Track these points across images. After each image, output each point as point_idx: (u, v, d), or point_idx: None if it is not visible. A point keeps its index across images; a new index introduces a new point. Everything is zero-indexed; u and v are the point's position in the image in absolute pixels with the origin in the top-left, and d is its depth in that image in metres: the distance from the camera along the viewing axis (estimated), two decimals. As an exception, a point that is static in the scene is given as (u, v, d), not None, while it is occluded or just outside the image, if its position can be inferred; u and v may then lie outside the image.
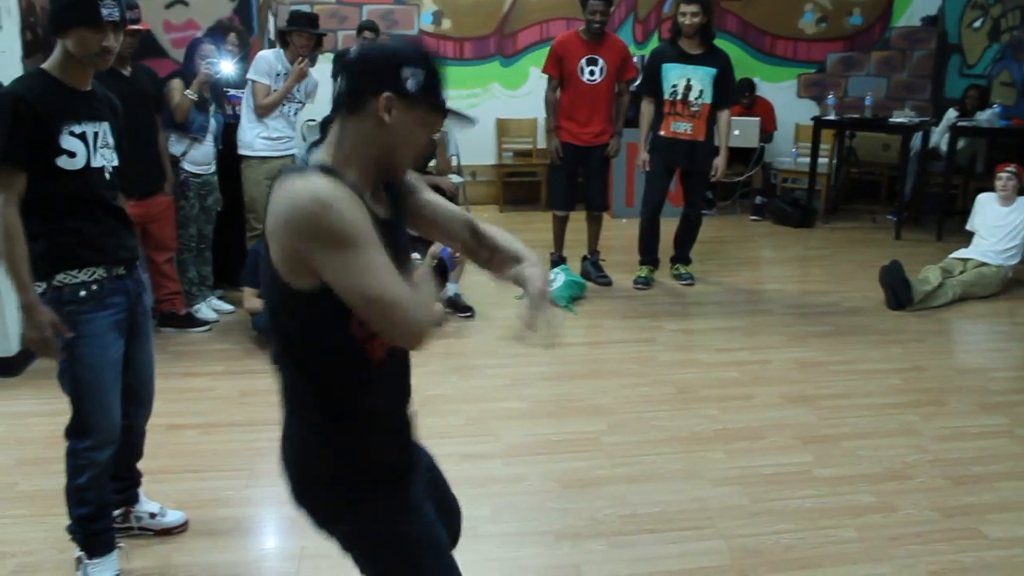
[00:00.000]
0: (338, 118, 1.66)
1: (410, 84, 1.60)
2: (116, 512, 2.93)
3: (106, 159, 2.61)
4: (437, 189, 6.47)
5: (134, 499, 3.00)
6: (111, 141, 2.64)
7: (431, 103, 1.65)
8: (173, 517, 3.04)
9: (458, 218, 1.93)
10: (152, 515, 3.01)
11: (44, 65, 2.55)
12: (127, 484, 2.97)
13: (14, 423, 3.81)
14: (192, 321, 5.08)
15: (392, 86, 1.58)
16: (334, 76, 5.84)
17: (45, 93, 2.47)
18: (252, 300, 4.76)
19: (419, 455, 1.92)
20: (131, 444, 2.90)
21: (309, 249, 1.50)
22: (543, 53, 7.47)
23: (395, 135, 1.62)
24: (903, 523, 3.10)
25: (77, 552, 2.71)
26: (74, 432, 2.61)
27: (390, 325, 1.54)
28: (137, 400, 2.84)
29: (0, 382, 4.17)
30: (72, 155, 2.49)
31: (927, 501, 3.24)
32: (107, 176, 2.61)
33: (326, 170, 1.57)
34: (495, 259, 1.94)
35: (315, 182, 1.51)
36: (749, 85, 8.35)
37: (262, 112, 5.13)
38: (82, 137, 2.52)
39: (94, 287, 2.55)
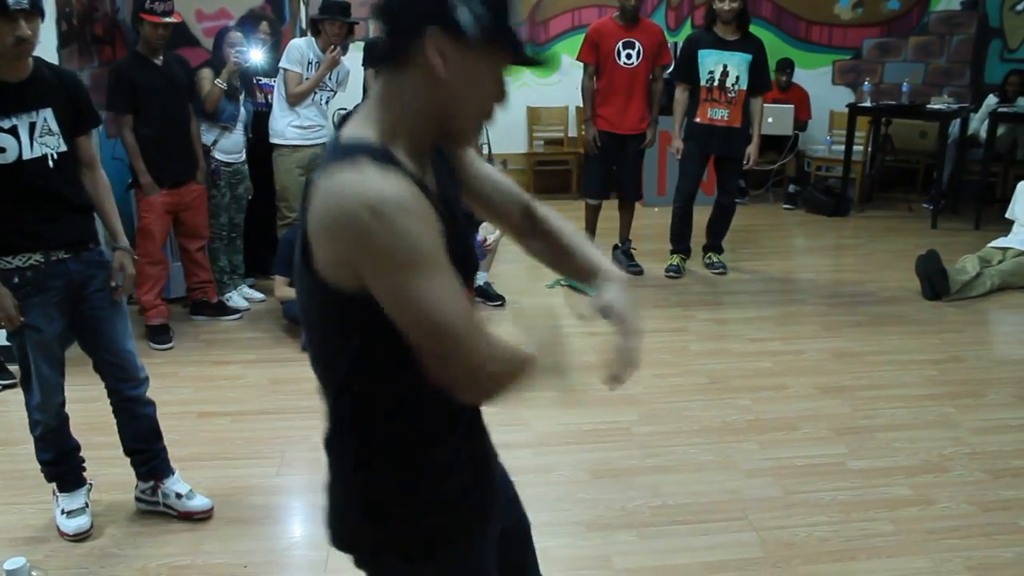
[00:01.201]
0: (379, 82, 1.27)
1: (464, 17, 1.17)
2: (145, 485, 3.04)
3: (49, 146, 2.66)
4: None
5: (162, 474, 3.03)
6: (54, 127, 2.67)
7: (499, 38, 1.22)
8: (199, 502, 3.05)
9: (513, 196, 1.56)
10: (179, 495, 3.04)
11: None
12: (148, 457, 3.01)
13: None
14: (223, 309, 5.10)
15: (441, 21, 1.17)
16: (365, 65, 5.84)
17: None
18: (283, 288, 4.77)
19: (500, 502, 1.58)
20: (137, 417, 2.96)
21: (356, 262, 1.17)
22: (575, 41, 7.42)
23: (453, 90, 1.22)
24: (940, 517, 3.05)
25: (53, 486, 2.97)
26: (24, 389, 2.85)
27: (451, 364, 1.21)
28: (121, 374, 2.90)
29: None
30: (2, 150, 2.56)
31: (965, 495, 3.18)
32: (50, 163, 2.67)
33: (377, 154, 1.19)
34: (552, 251, 1.59)
35: (366, 179, 1.14)
36: (789, 64, 8.24)
37: (294, 101, 5.13)
38: (12, 131, 2.57)
39: (28, 273, 2.64)
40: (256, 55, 5.22)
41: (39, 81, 2.66)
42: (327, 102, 5.39)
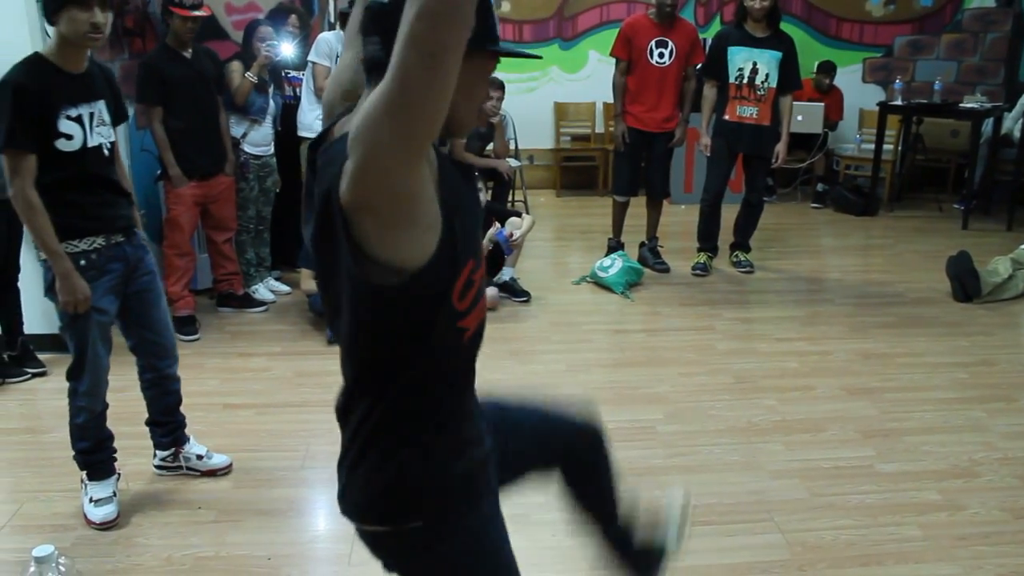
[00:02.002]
0: (369, 84, 1.33)
1: None
2: (165, 453, 3.25)
3: (103, 136, 2.81)
4: (494, 173, 6.47)
5: (182, 440, 3.25)
6: (107, 118, 2.83)
7: (486, 47, 1.32)
8: (218, 460, 3.29)
9: None
10: (199, 456, 3.26)
11: (41, 50, 2.73)
12: (172, 427, 3.22)
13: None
14: (249, 301, 5.13)
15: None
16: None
17: (42, 79, 2.65)
18: (309, 281, 4.79)
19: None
20: (168, 391, 3.17)
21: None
22: (603, 36, 7.39)
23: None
24: (970, 523, 3.00)
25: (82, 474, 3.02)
26: (73, 376, 2.90)
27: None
28: (163, 352, 3.09)
29: (67, 358, 4.23)
30: (69, 137, 2.69)
31: (995, 501, 3.13)
32: (105, 152, 2.82)
33: None
34: None
35: None
36: (831, 67, 8.16)
37: (321, 94, 5.14)
38: (78, 120, 2.71)
39: (93, 256, 2.78)
40: (287, 49, 5.24)
41: (94, 74, 2.80)
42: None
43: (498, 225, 5.27)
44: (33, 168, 2.63)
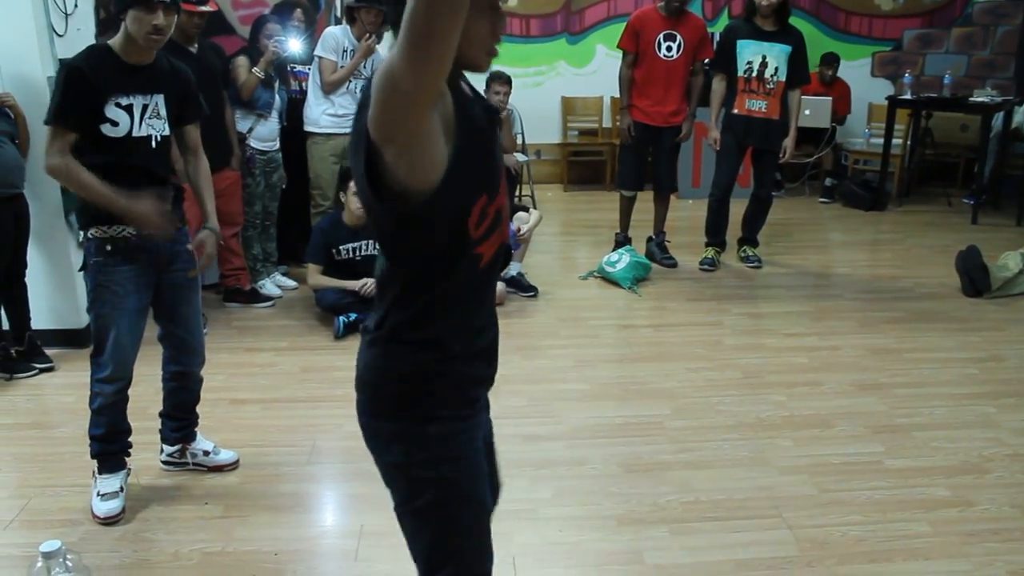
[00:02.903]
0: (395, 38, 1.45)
1: None
2: (173, 448, 3.26)
3: (155, 129, 2.85)
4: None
5: (191, 437, 3.27)
6: (163, 112, 2.87)
7: None
8: (225, 456, 3.30)
9: None
10: (206, 452, 3.28)
11: (110, 40, 2.79)
12: (184, 424, 3.24)
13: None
14: (256, 297, 5.12)
15: None
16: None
17: (100, 66, 2.72)
18: (316, 276, 4.78)
19: (487, 408, 1.85)
20: (188, 389, 3.20)
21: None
22: (610, 30, 7.37)
23: (467, 27, 1.36)
24: (980, 519, 2.98)
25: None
26: (93, 361, 2.92)
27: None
28: (188, 349, 3.11)
29: (74, 353, 4.25)
30: (115, 124, 2.74)
31: (1006, 497, 3.11)
32: (153, 144, 2.84)
33: None
34: None
35: None
36: (834, 59, 8.13)
37: (329, 89, 5.13)
38: (128, 108, 2.76)
39: (120, 243, 2.80)
40: (293, 44, 5.23)
41: (157, 69, 2.85)
42: (362, 90, 5.38)
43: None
44: (71, 144, 2.69)
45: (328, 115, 5.18)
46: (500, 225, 1.60)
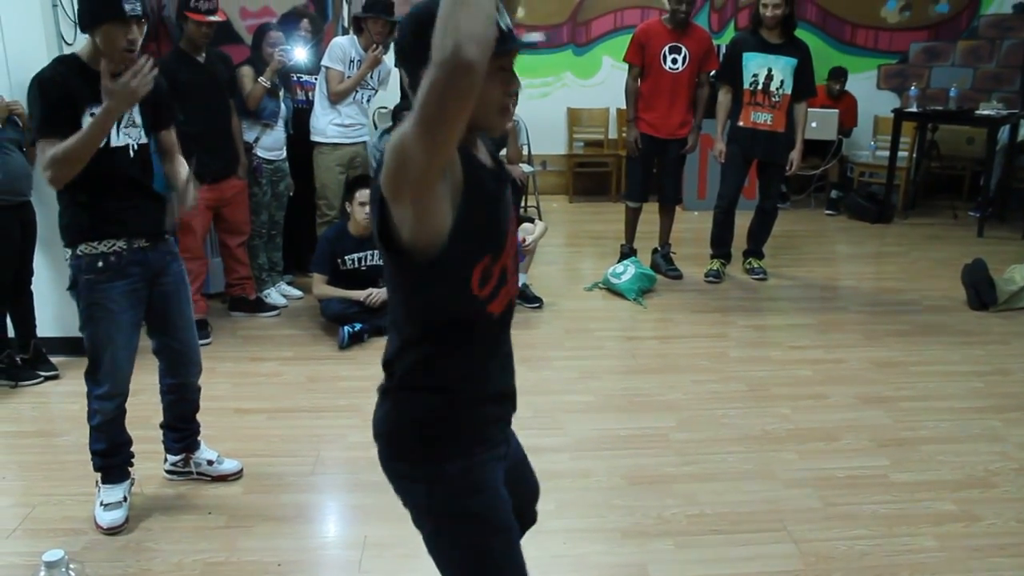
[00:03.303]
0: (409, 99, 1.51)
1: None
2: (176, 458, 3.26)
3: (132, 137, 2.82)
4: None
5: (194, 447, 3.27)
6: (138, 120, 2.84)
7: (506, 49, 1.48)
8: (229, 465, 3.30)
9: None
10: (210, 462, 3.28)
11: (77, 50, 2.76)
12: (186, 434, 3.23)
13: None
14: (261, 306, 5.13)
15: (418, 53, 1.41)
16: (397, 66, 5.86)
17: (70, 75, 2.68)
18: (321, 286, 4.79)
19: (512, 437, 1.90)
20: (186, 400, 3.19)
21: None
22: (616, 42, 7.38)
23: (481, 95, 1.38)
24: (986, 534, 2.97)
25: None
26: (89, 379, 2.91)
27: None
28: (184, 360, 3.09)
29: (79, 361, 4.24)
30: None
31: (1012, 512, 3.09)
32: (131, 153, 2.82)
33: None
34: None
35: None
36: (842, 73, 8.14)
37: (335, 99, 5.15)
38: None
39: (112, 258, 2.78)
40: (299, 53, 5.25)
41: None
42: (368, 100, 5.40)
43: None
44: None
45: (335, 125, 5.19)
46: (507, 284, 1.64)
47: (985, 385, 4.23)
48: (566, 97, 8.58)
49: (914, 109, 7.64)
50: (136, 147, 2.83)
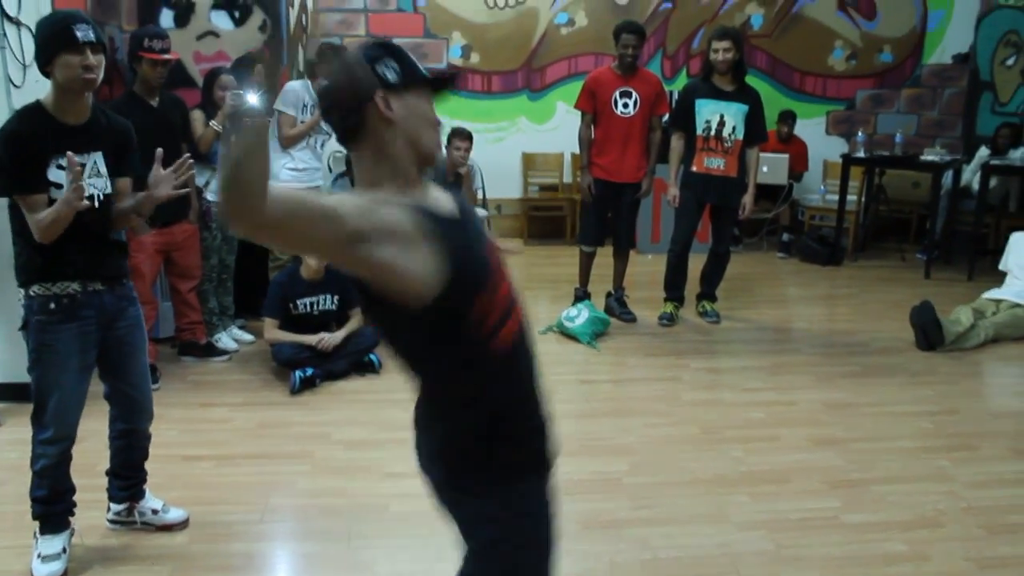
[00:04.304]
0: (353, 155, 1.68)
1: (390, 76, 1.61)
2: (120, 507, 3.17)
3: (96, 187, 2.79)
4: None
5: (139, 496, 3.18)
6: (102, 170, 2.81)
7: (416, 80, 1.65)
8: (175, 514, 3.21)
9: None
10: (155, 511, 3.19)
11: (41, 98, 2.73)
12: (133, 482, 3.16)
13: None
14: (212, 351, 5.05)
15: (376, 85, 1.60)
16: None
17: (36, 128, 2.68)
18: (272, 331, 4.74)
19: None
20: (136, 447, 3.12)
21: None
22: (571, 88, 7.47)
23: (407, 122, 1.62)
24: (936, 574, 2.99)
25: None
26: (34, 422, 2.83)
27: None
28: (135, 407, 3.04)
29: (20, 407, 4.14)
30: (59, 187, 2.67)
31: (961, 551, 3.12)
32: (96, 203, 2.78)
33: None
34: None
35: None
36: (791, 116, 8.31)
37: (287, 143, 5.14)
38: None
39: (65, 300, 2.74)
40: (252, 98, 5.23)
41: (95, 126, 2.80)
42: (322, 145, 5.40)
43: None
44: (44, 201, 2.66)
45: (288, 169, 5.18)
46: (514, 306, 1.70)
47: (934, 425, 4.29)
48: (521, 142, 8.66)
49: (862, 154, 7.82)
50: (101, 197, 2.80)
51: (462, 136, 6.07)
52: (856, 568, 3.01)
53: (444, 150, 6.12)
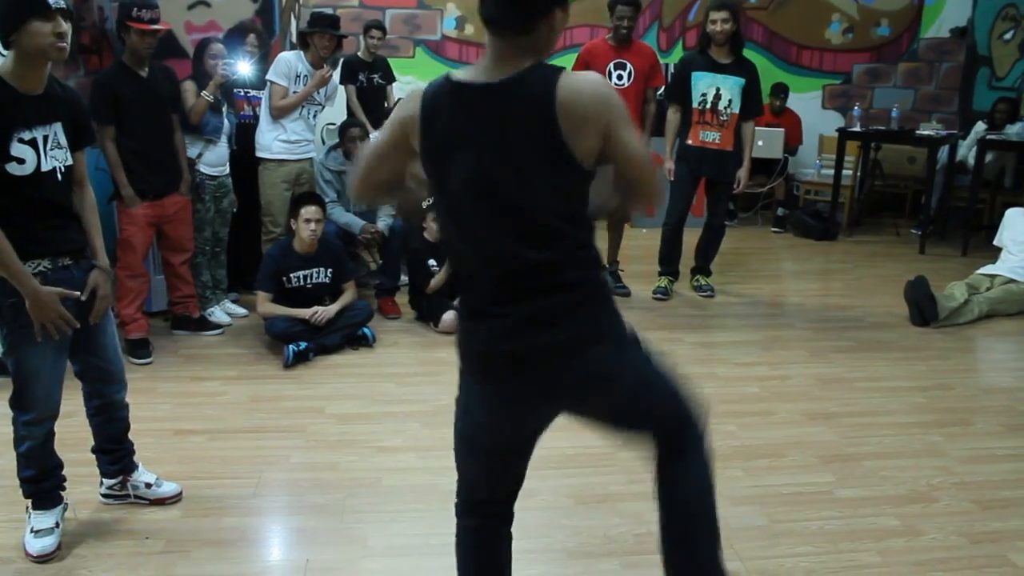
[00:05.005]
0: (501, 40, 1.85)
1: None
2: (113, 481, 3.15)
3: (58, 160, 2.72)
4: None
5: (130, 468, 3.15)
6: (63, 141, 2.74)
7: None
8: (168, 488, 3.19)
9: None
10: (148, 485, 3.17)
11: None
12: (120, 455, 3.13)
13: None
14: (205, 324, 5.03)
15: (558, 3, 1.86)
16: (343, 82, 5.93)
17: None
18: (265, 304, 4.71)
19: None
20: (115, 419, 3.08)
21: (616, 123, 1.82)
22: (566, 60, 7.42)
23: (555, 40, 1.91)
24: (928, 548, 3.00)
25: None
26: (15, 405, 2.80)
27: (651, 181, 1.94)
28: (108, 378, 3.00)
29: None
30: (21, 161, 2.60)
31: (953, 526, 3.13)
32: (59, 177, 2.72)
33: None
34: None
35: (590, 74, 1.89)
36: (784, 89, 8.27)
37: (277, 114, 5.09)
38: (32, 143, 2.62)
39: (38, 278, 2.65)
40: (243, 67, 5.19)
41: (52, 96, 2.71)
42: (315, 116, 5.35)
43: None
44: None
45: (280, 141, 5.13)
46: None
47: (927, 400, 4.29)
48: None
49: (857, 129, 7.77)
50: (63, 169, 2.74)
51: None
52: (848, 542, 3.01)
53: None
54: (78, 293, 2.72)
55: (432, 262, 5.23)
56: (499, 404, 2.04)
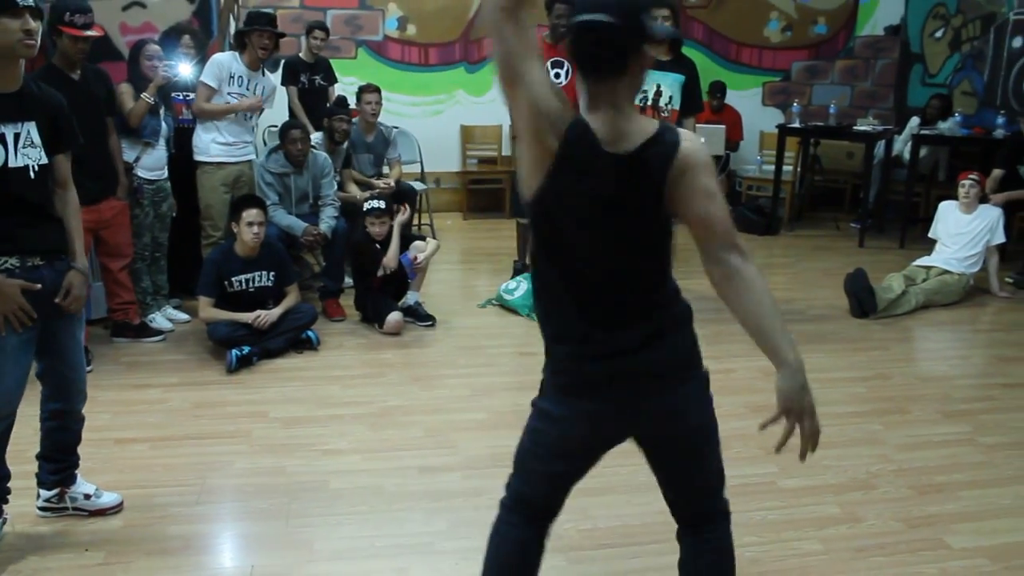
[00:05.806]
0: (600, 84, 1.83)
1: (658, 30, 1.77)
2: (50, 493, 3.06)
3: (31, 158, 2.67)
4: (404, 194, 6.36)
5: (70, 480, 3.08)
6: (36, 140, 2.70)
7: (661, 40, 1.82)
8: (108, 498, 3.12)
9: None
10: (87, 496, 3.09)
11: None
12: (64, 466, 3.05)
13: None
14: (146, 331, 4.94)
15: (643, 35, 1.77)
16: (285, 83, 5.88)
17: None
18: (207, 309, 4.65)
19: None
20: (68, 429, 3.02)
21: (711, 180, 1.90)
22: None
23: (645, 76, 1.87)
24: (867, 534, 3.06)
25: None
26: None
27: (733, 234, 2.00)
28: (71, 387, 2.94)
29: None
30: None
31: (891, 511, 3.20)
32: (31, 174, 2.68)
33: None
34: (740, 319, 2.05)
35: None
36: (721, 87, 8.37)
37: (197, 114, 5.04)
38: (0, 139, 2.58)
39: (3, 276, 2.61)
40: (184, 69, 5.12)
41: (27, 95, 2.69)
42: (250, 117, 5.30)
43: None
44: None
45: (217, 144, 5.08)
46: None
47: (866, 390, 4.38)
48: (459, 114, 8.59)
49: (797, 125, 7.91)
50: (37, 168, 2.68)
51: (370, 89, 6.25)
52: (791, 531, 3.07)
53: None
54: (39, 285, 2.66)
55: (377, 245, 5.17)
56: (588, 418, 2.10)
